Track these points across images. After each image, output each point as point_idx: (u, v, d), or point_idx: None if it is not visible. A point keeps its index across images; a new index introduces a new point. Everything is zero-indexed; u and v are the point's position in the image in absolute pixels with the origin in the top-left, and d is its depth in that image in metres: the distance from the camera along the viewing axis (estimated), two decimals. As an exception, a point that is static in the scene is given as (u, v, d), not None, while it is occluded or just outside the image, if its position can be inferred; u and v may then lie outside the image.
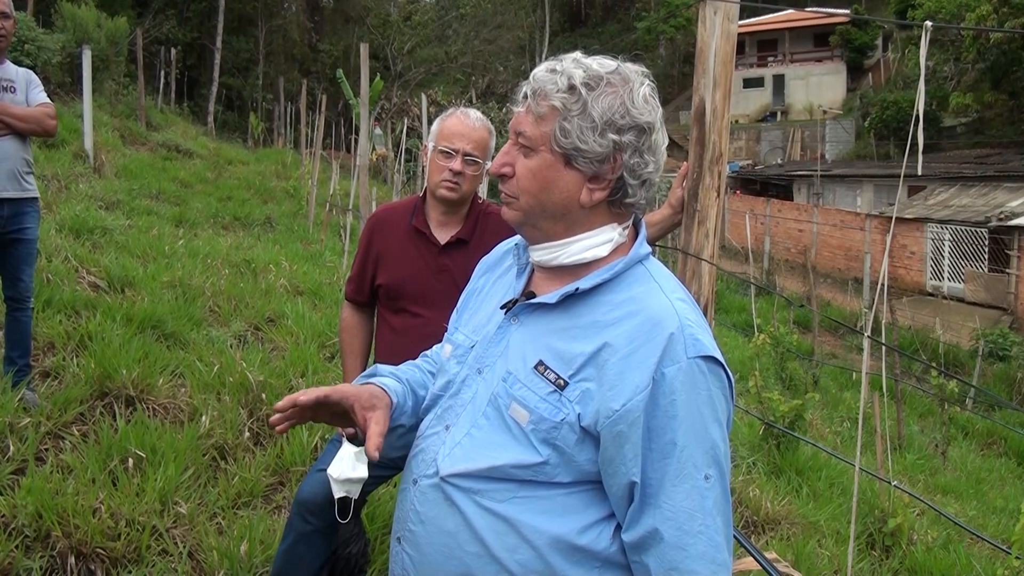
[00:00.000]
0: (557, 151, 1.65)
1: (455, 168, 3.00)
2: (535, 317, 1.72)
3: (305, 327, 6.82)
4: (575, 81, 1.64)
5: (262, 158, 22.45)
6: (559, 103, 1.64)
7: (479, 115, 3.11)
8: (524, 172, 1.69)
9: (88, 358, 5.06)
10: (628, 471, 1.56)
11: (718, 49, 2.68)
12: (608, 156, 1.65)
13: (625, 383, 1.56)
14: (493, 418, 1.67)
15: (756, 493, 5.56)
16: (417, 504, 1.72)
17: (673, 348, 1.56)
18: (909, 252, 26.61)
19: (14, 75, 4.62)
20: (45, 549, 3.43)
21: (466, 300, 1.98)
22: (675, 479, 1.54)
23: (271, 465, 4.48)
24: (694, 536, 1.54)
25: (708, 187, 2.72)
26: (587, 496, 1.63)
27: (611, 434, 1.56)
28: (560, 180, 1.67)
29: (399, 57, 45.96)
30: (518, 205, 1.71)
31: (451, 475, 1.66)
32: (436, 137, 3.09)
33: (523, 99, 1.70)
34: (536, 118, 1.66)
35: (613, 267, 1.69)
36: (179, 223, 10.70)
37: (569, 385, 1.60)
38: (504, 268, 1.94)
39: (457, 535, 1.65)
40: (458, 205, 3.11)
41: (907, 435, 10.27)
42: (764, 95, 47.90)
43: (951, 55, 33.95)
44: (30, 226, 4.63)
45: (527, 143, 1.68)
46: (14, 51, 5.06)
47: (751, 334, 11.71)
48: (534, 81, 1.68)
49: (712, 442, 1.57)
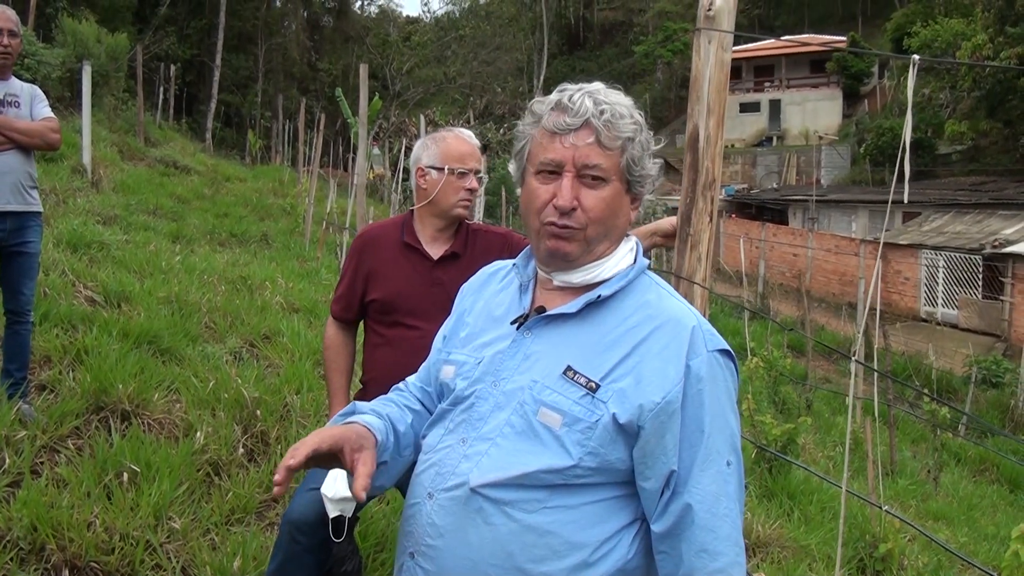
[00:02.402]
0: (626, 179, 1.75)
1: (472, 187, 3.12)
2: (551, 328, 1.78)
3: (300, 344, 6.84)
4: (631, 111, 1.74)
5: (259, 175, 22.47)
6: (631, 133, 1.72)
7: (471, 134, 3.23)
8: (596, 203, 1.73)
9: (84, 372, 5.07)
10: (668, 460, 1.66)
11: (712, 77, 2.73)
12: (655, 177, 1.80)
13: (662, 377, 1.66)
14: (519, 426, 1.71)
15: (747, 516, 5.57)
16: (436, 518, 1.73)
17: (695, 342, 1.70)
18: (903, 278, 26.71)
19: (18, 90, 4.67)
20: (40, 562, 3.44)
21: (457, 324, 2.01)
22: (702, 464, 1.66)
23: (265, 482, 4.48)
24: (720, 519, 1.66)
25: (701, 211, 2.76)
26: (613, 504, 1.70)
27: (655, 425, 1.65)
28: (623, 205, 1.78)
29: (398, 77, 46.15)
30: (583, 236, 1.74)
31: (482, 485, 1.69)
32: (443, 159, 3.15)
33: (572, 131, 1.71)
34: (605, 150, 1.71)
35: (626, 275, 1.79)
36: (176, 239, 10.71)
37: (601, 387, 1.68)
38: (496, 288, 1.98)
39: (482, 547, 1.67)
40: (457, 220, 3.20)
41: (899, 460, 10.28)
42: (760, 120, 48.14)
43: (947, 83, 34.19)
44: (32, 240, 4.65)
45: (600, 175, 1.72)
46: (15, 65, 5.13)
47: (744, 357, 11.72)
48: (600, 115, 1.70)
49: (731, 430, 1.71)
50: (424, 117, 14.72)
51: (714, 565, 1.65)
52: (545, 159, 1.74)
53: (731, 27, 2.74)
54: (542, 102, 1.78)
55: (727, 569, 1.66)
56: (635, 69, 57.76)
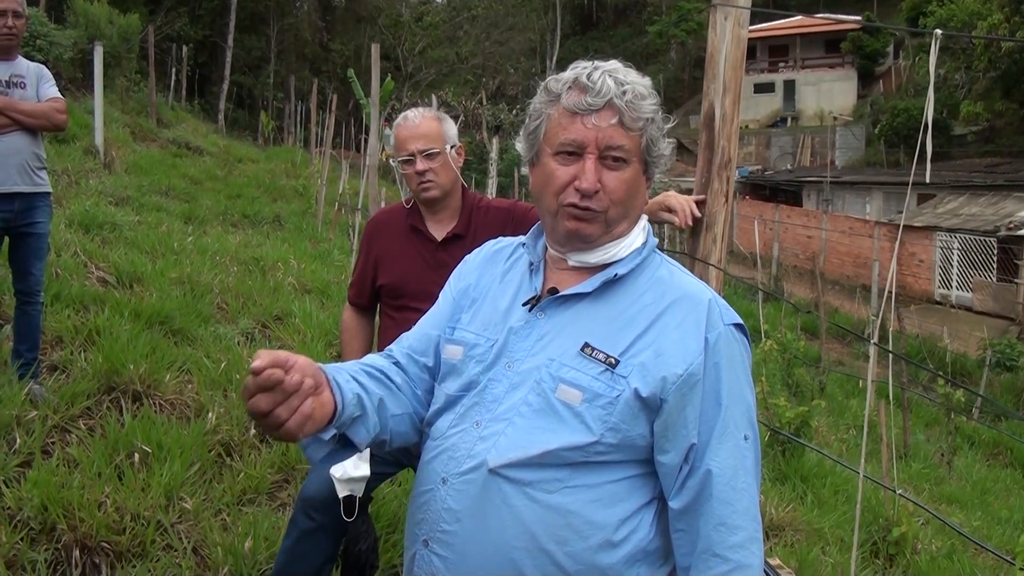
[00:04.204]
0: (644, 160, 1.73)
1: (419, 169, 3.09)
2: (565, 308, 1.77)
3: (312, 325, 6.83)
4: (650, 89, 1.72)
5: (272, 156, 22.48)
6: (651, 114, 1.70)
7: (419, 111, 3.19)
8: (618, 184, 1.71)
9: (96, 353, 5.08)
10: (688, 434, 1.66)
11: (728, 54, 2.69)
12: (669, 157, 1.79)
13: (683, 350, 1.66)
14: (537, 404, 1.69)
15: (761, 499, 5.53)
16: (452, 503, 1.70)
17: (712, 316, 1.70)
18: (918, 260, 26.55)
19: (24, 70, 4.65)
20: (50, 542, 3.45)
21: (462, 298, 1.95)
22: (720, 438, 1.66)
23: (276, 462, 4.49)
24: (739, 492, 1.66)
25: (716, 192, 2.73)
26: (632, 483, 1.69)
27: (677, 398, 1.65)
28: (641, 186, 1.77)
29: (410, 58, 45.97)
30: (604, 218, 1.72)
31: (502, 466, 1.66)
32: (395, 151, 3.20)
33: (594, 111, 1.67)
34: (628, 131, 1.68)
35: (640, 253, 1.79)
36: (188, 220, 10.71)
37: (620, 363, 1.67)
38: (504, 267, 1.94)
39: (503, 530, 1.65)
40: (446, 199, 3.18)
41: (913, 444, 10.23)
42: (775, 100, 47.83)
43: (962, 63, 33.84)
44: (41, 220, 4.65)
45: (623, 156, 1.69)
46: (26, 46, 5.10)
47: (758, 340, 11.68)
48: (622, 95, 1.66)
49: (748, 404, 1.71)
50: (436, 98, 14.65)
51: (733, 539, 1.64)
52: (566, 139, 1.69)
53: (747, 3, 2.70)
54: (558, 80, 1.74)
55: (746, 544, 1.65)
56: (649, 49, 57.41)
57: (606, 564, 1.64)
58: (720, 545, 1.63)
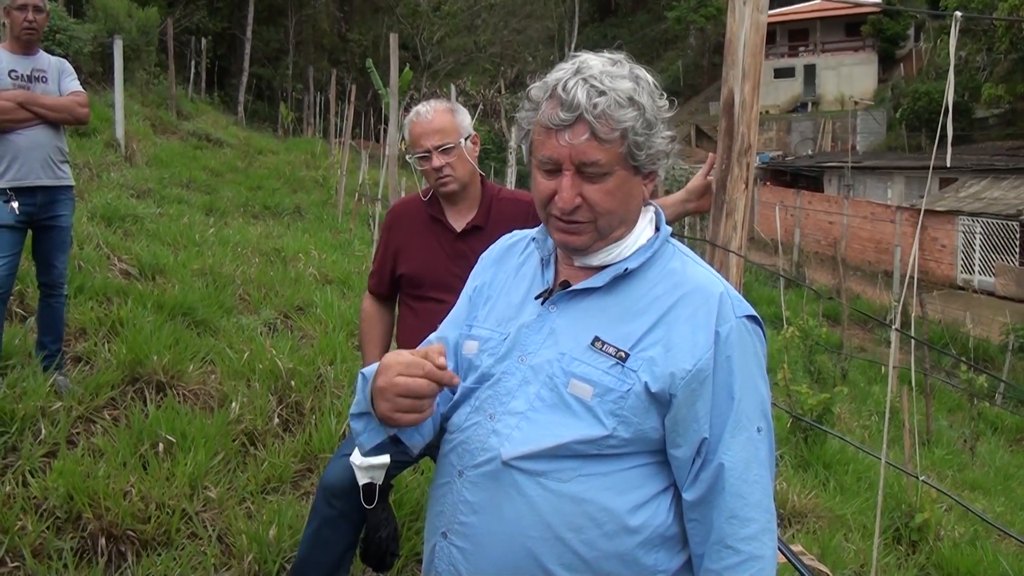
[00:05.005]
0: (631, 165, 1.67)
1: (436, 165, 3.07)
2: (576, 301, 1.76)
3: (334, 315, 6.86)
4: (630, 94, 1.63)
5: (292, 147, 22.56)
6: (630, 122, 1.62)
7: (430, 105, 3.16)
8: (603, 197, 1.66)
9: (119, 344, 5.12)
10: (700, 428, 1.65)
11: (747, 40, 2.67)
12: (667, 151, 1.72)
13: (692, 345, 1.65)
14: (549, 399, 1.69)
15: (783, 486, 5.54)
16: (468, 495, 1.72)
17: (723, 309, 1.68)
18: (940, 245, 26.33)
19: (46, 65, 4.68)
20: (76, 531, 3.49)
21: (477, 296, 1.97)
22: (733, 431, 1.65)
23: (299, 451, 4.52)
24: (751, 485, 1.65)
25: (736, 178, 2.71)
26: (646, 470, 1.69)
27: (686, 393, 1.64)
28: (634, 188, 1.71)
29: (428, 47, 45.86)
30: (593, 228, 1.69)
31: (515, 458, 1.67)
32: (410, 148, 3.19)
33: (567, 128, 1.62)
34: (603, 143, 1.62)
35: (651, 246, 1.76)
36: (209, 211, 10.78)
37: (631, 356, 1.66)
38: (518, 262, 1.95)
39: (519, 520, 1.66)
40: (465, 190, 3.17)
41: (935, 430, 10.19)
42: (795, 85, 47.49)
43: (983, 45, 33.43)
44: (64, 213, 4.69)
45: (601, 170, 1.64)
46: (46, 40, 5.12)
47: (780, 327, 11.64)
48: (593, 108, 1.60)
49: (761, 396, 1.70)
50: (455, 87, 14.65)
51: (744, 531, 1.64)
52: (543, 156, 1.67)
53: (766, -12, 2.68)
54: (540, 87, 1.69)
55: (758, 536, 1.65)
56: (667, 35, 57.13)
57: (623, 550, 1.65)
58: (732, 537, 1.63)
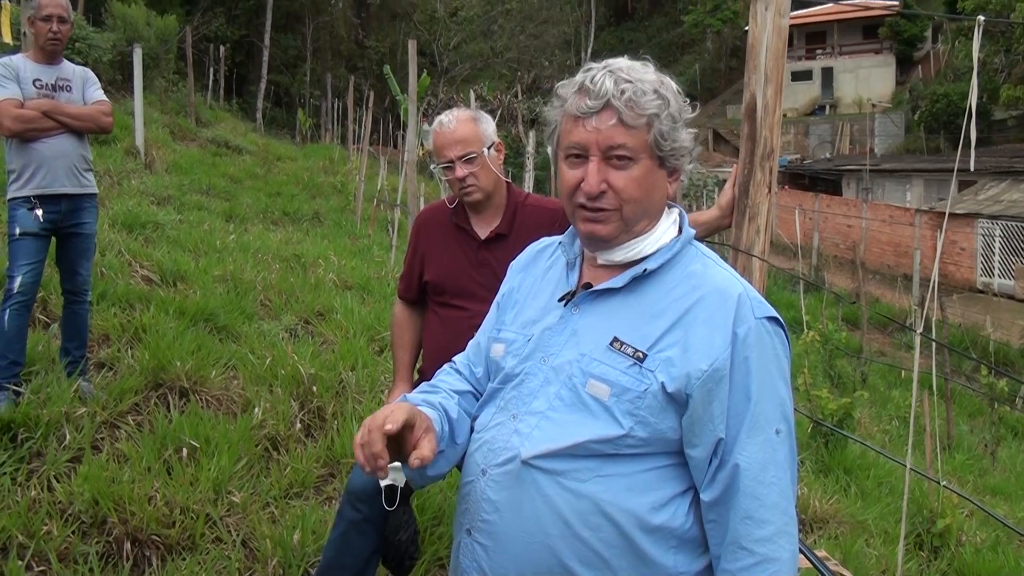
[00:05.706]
0: (656, 155, 1.72)
1: (460, 175, 3.08)
2: (598, 303, 1.79)
3: (354, 321, 6.89)
4: (655, 87, 1.70)
5: (310, 154, 22.64)
6: (655, 109, 1.68)
7: (453, 115, 3.16)
8: (628, 184, 1.71)
9: (142, 350, 5.16)
10: (716, 428, 1.66)
11: (769, 44, 2.67)
12: (690, 148, 1.76)
13: (708, 346, 1.66)
14: (568, 399, 1.72)
15: (804, 492, 5.53)
16: (490, 493, 1.75)
17: (742, 310, 1.69)
18: (959, 248, 26.15)
19: (70, 74, 4.73)
20: (101, 535, 3.52)
21: (505, 302, 2.03)
22: (749, 432, 1.66)
23: (322, 457, 4.54)
24: (767, 487, 1.65)
25: (759, 183, 2.72)
26: (665, 472, 1.70)
27: (702, 394, 1.65)
28: (658, 181, 1.76)
29: (445, 53, 45.96)
30: (618, 217, 1.73)
31: (534, 457, 1.70)
32: (434, 158, 3.21)
33: (594, 114, 1.69)
34: (629, 129, 1.68)
35: (672, 247, 1.79)
36: (229, 218, 10.83)
37: (648, 357, 1.68)
38: (545, 266, 1.99)
39: (539, 519, 1.69)
40: (490, 199, 3.18)
41: (956, 435, 10.13)
42: (812, 88, 47.29)
43: (1002, 47, 33.21)
44: (88, 221, 4.73)
45: (627, 154, 1.69)
46: (66, 49, 5.22)
47: (800, 331, 11.59)
48: (620, 94, 1.67)
49: (781, 398, 1.70)
50: (473, 93, 14.69)
51: (759, 533, 1.64)
52: (570, 143, 1.73)
53: (788, -8, 2.68)
54: (567, 85, 1.77)
55: (773, 538, 1.65)
56: (684, 39, 57.03)
57: (641, 550, 1.67)
58: (746, 538, 1.64)
